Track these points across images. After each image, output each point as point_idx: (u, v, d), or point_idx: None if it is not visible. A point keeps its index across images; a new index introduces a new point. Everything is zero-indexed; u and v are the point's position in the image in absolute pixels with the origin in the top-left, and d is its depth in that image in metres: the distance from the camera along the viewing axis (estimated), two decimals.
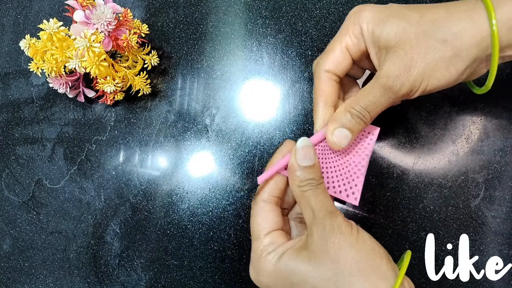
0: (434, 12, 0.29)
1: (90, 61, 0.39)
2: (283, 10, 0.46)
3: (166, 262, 0.44)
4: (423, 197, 0.40)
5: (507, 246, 0.38)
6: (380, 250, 0.29)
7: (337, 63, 0.32)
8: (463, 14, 0.29)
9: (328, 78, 0.33)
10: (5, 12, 0.53)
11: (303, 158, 0.30)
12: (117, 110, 0.47)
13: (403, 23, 0.29)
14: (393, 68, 0.29)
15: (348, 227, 0.29)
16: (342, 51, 0.32)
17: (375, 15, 0.30)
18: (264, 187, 0.33)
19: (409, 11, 0.30)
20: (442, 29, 0.29)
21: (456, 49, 0.29)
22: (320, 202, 0.30)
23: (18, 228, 0.49)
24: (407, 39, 0.29)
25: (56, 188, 0.48)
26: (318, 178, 0.30)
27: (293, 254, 0.29)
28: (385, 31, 0.30)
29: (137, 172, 0.46)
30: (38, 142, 0.49)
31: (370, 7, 0.31)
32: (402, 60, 0.29)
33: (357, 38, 0.32)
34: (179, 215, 0.44)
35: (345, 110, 0.31)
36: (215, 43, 0.46)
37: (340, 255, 0.28)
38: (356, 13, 0.32)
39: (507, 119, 0.40)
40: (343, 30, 0.32)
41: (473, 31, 0.28)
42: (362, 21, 0.31)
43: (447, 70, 0.29)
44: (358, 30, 0.31)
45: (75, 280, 0.46)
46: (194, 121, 0.45)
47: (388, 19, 0.30)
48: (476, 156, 0.40)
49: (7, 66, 0.52)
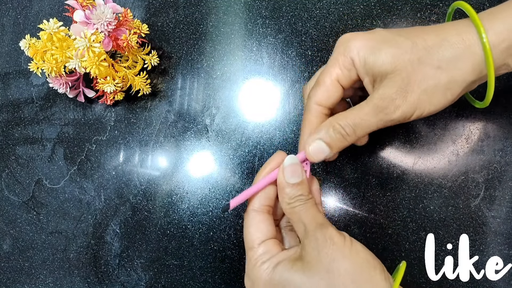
0: (425, 38, 0.29)
1: (90, 61, 0.39)
2: (283, 10, 0.46)
3: (166, 262, 0.44)
4: (423, 197, 0.40)
5: (507, 246, 0.38)
6: (374, 261, 0.29)
7: (327, 97, 0.32)
8: (455, 38, 0.29)
9: (318, 111, 0.32)
10: (5, 12, 0.53)
11: (291, 175, 0.31)
12: (117, 110, 0.47)
13: (397, 51, 0.29)
14: (389, 92, 0.29)
15: (341, 238, 0.29)
16: (333, 83, 0.32)
17: (365, 43, 0.30)
18: (254, 197, 0.33)
19: (400, 38, 0.29)
20: (436, 55, 0.28)
21: (451, 75, 0.29)
22: (310, 216, 0.30)
23: (18, 228, 0.49)
24: (403, 66, 0.29)
25: (56, 188, 0.48)
26: (306, 193, 0.31)
27: (288, 265, 0.29)
28: (379, 60, 0.29)
29: (137, 172, 0.46)
30: (38, 142, 0.49)
31: (358, 36, 0.31)
32: (399, 85, 0.29)
33: (347, 70, 0.31)
34: (179, 215, 0.44)
35: (330, 124, 0.31)
36: (215, 43, 0.46)
37: (334, 266, 0.28)
38: (344, 43, 0.31)
39: (507, 119, 0.40)
40: (332, 61, 0.32)
41: (466, 56, 0.28)
42: (352, 52, 0.30)
43: (443, 95, 0.29)
44: (349, 61, 0.31)
45: (75, 280, 0.46)
46: (194, 121, 0.45)
47: (380, 47, 0.29)
48: (476, 156, 0.40)
49: (7, 66, 0.52)
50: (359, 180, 0.41)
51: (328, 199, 0.42)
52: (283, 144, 0.43)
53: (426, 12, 0.42)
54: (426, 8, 0.42)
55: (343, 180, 0.41)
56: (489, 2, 0.41)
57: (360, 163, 0.41)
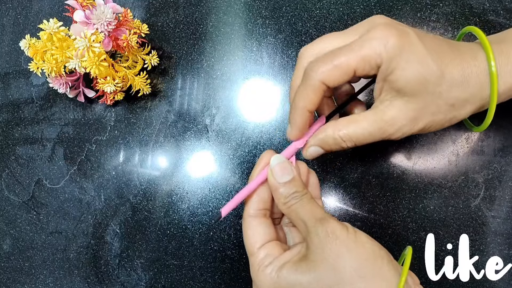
0: (451, 70, 0.29)
1: (90, 61, 0.39)
2: (283, 10, 0.46)
3: (166, 262, 0.44)
4: (423, 197, 0.40)
5: (507, 246, 0.38)
6: (381, 251, 0.28)
7: (337, 79, 0.29)
8: (474, 79, 0.29)
9: (320, 88, 0.29)
10: (5, 12, 0.53)
11: (281, 174, 0.30)
12: (117, 110, 0.47)
13: (424, 76, 0.28)
14: (400, 116, 0.29)
15: (343, 230, 0.28)
16: (349, 71, 0.29)
17: (400, 53, 0.28)
18: (248, 202, 0.32)
19: (431, 61, 0.28)
20: (454, 94, 0.29)
21: (458, 113, 0.30)
22: (308, 212, 0.29)
23: (18, 228, 0.49)
24: (423, 95, 0.29)
25: (56, 188, 0.48)
26: (301, 189, 0.30)
27: (293, 267, 0.29)
28: (406, 77, 0.28)
29: (137, 172, 0.46)
30: (38, 142, 0.49)
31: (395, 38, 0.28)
32: (411, 114, 0.29)
33: (370, 67, 0.29)
34: (179, 215, 0.44)
35: (332, 134, 0.31)
36: (215, 43, 0.46)
37: (339, 262, 0.27)
38: (379, 39, 0.28)
39: (507, 119, 0.40)
40: (359, 50, 0.28)
41: (477, 98, 0.30)
42: (385, 55, 0.28)
43: (442, 126, 0.31)
44: (377, 62, 0.28)
45: (75, 280, 0.46)
46: (194, 121, 0.45)
47: (412, 65, 0.28)
48: (476, 156, 0.40)
49: (7, 66, 0.52)
50: (359, 180, 0.41)
51: (328, 199, 0.42)
52: (283, 144, 0.43)
53: (426, 12, 0.42)
54: (426, 8, 0.42)
55: (343, 180, 0.41)
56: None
57: (360, 163, 0.41)
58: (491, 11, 0.41)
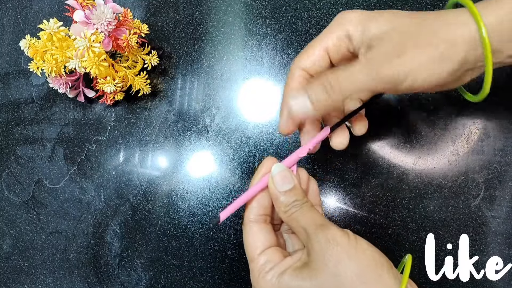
0: (424, 17, 0.29)
1: (90, 61, 0.39)
2: (283, 10, 0.46)
3: (166, 262, 0.44)
4: (423, 197, 0.40)
5: (507, 246, 0.38)
6: (381, 259, 0.28)
7: (313, 62, 0.31)
8: (453, 20, 0.28)
9: (301, 76, 0.31)
10: (5, 12, 0.53)
11: (282, 183, 0.30)
12: (117, 110, 0.47)
13: (396, 20, 0.28)
14: (384, 48, 0.28)
15: (344, 237, 0.28)
16: (321, 52, 0.31)
17: (364, 16, 0.30)
18: (249, 208, 0.32)
19: (400, 13, 0.29)
20: (435, 25, 0.28)
21: (447, 48, 0.28)
22: (309, 219, 0.29)
23: (18, 228, 0.49)
24: (401, 26, 0.28)
25: (56, 188, 0.48)
26: (301, 197, 0.30)
27: (294, 273, 0.29)
28: (377, 24, 0.29)
29: (137, 172, 0.46)
30: (38, 142, 0.49)
31: (357, 11, 0.30)
32: (395, 42, 0.28)
33: (339, 41, 0.30)
34: (179, 215, 0.44)
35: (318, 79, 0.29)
36: (215, 43, 0.46)
37: (340, 269, 0.27)
38: (341, 16, 0.30)
39: (507, 119, 0.40)
40: (325, 31, 0.31)
41: (464, 37, 0.28)
42: (349, 23, 0.30)
43: (438, 66, 0.28)
44: (344, 33, 0.30)
45: (75, 280, 0.46)
46: (194, 121, 0.45)
47: (380, 17, 0.29)
48: (476, 156, 0.40)
49: (7, 66, 0.52)
50: (359, 180, 0.41)
51: (328, 199, 0.42)
52: (283, 144, 0.43)
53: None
54: (426, 8, 0.42)
55: (343, 180, 0.41)
56: None
57: (360, 163, 0.41)
58: None
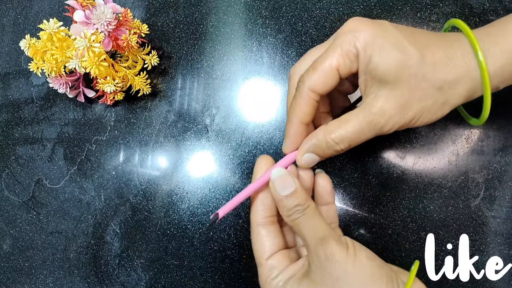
0: (433, 52, 0.29)
1: (90, 61, 0.39)
2: (283, 10, 0.46)
3: (166, 262, 0.44)
4: (423, 197, 0.40)
5: (507, 246, 0.38)
6: (380, 272, 0.28)
7: (324, 84, 0.30)
8: (460, 61, 0.28)
9: (310, 97, 0.30)
10: (5, 12, 0.53)
11: (282, 187, 0.30)
12: (117, 110, 0.47)
13: (404, 60, 0.28)
14: (388, 107, 0.28)
15: (343, 252, 0.28)
16: (332, 71, 0.29)
17: (374, 39, 0.28)
18: (255, 211, 0.32)
19: (409, 45, 0.28)
20: (440, 75, 0.28)
21: (448, 98, 0.29)
22: (310, 231, 0.29)
23: (18, 228, 0.49)
24: (406, 79, 0.28)
25: (56, 188, 0.48)
26: (303, 202, 0.30)
27: (296, 283, 0.29)
28: (384, 63, 0.28)
29: (137, 172, 0.46)
30: (38, 142, 0.49)
31: (367, 27, 0.29)
32: (398, 102, 0.28)
33: (350, 61, 0.29)
34: (179, 215, 0.44)
35: (324, 138, 0.30)
36: (215, 43, 0.46)
37: (338, 284, 0.27)
38: (352, 32, 0.29)
39: (507, 119, 0.40)
40: (336, 48, 0.29)
41: (466, 81, 0.29)
42: (359, 43, 0.28)
43: (435, 114, 0.30)
44: (354, 52, 0.29)
45: (75, 280, 0.46)
46: (194, 121, 0.45)
47: (388, 49, 0.28)
48: (476, 156, 0.40)
49: (7, 66, 0.52)
50: (359, 180, 0.41)
51: None
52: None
53: (426, 12, 0.42)
54: (426, 8, 0.42)
55: (343, 180, 0.41)
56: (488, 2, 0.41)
57: (360, 163, 0.41)
58: (491, 11, 0.41)
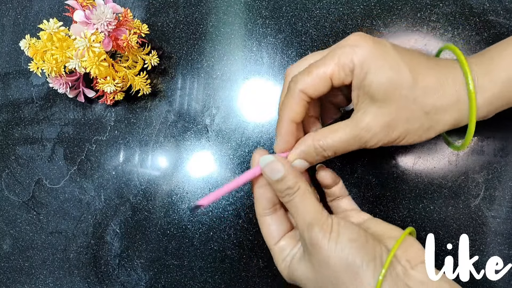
0: (425, 77, 0.30)
1: (90, 61, 0.39)
2: (283, 10, 0.46)
3: (166, 262, 0.44)
4: (423, 197, 0.40)
5: (507, 246, 0.38)
6: (360, 251, 0.29)
7: (315, 88, 0.31)
8: (451, 89, 0.30)
9: (301, 98, 0.32)
10: (5, 12, 0.53)
11: (271, 174, 0.32)
12: (117, 110, 0.47)
13: (397, 80, 0.29)
14: (374, 124, 0.30)
15: (325, 237, 0.29)
16: (325, 78, 0.31)
17: (372, 58, 0.29)
18: (256, 204, 0.34)
19: (404, 67, 0.29)
20: (430, 100, 0.29)
21: (434, 124, 0.30)
22: (300, 215, 0.31)
23: (18, 228, 0.49)
24: (396, 99, 0.29)
25: (56, 188, 0.48)
26: (293, 185, 0.31)
27: (297, 262, 0.32)
28: (378, 81, 0.29)
29: (137, 172, 0.46)
30: (38, 142, 0.49)
31: (367, 44, 0.30)
32: (385, 120, 0.30)
33: (345, 73, 0.30)
34: (179, 215, 0.44)
35: (312, 144, 0.32)
36: (215, 43, 0.46)
37: (322, 269, 0.29)
38: (352, 46, 0.30)
39: (507, 119, 0.39)
40: (332, 56, 0.31)
41: (454, 110, 0.30)
42: (357, 59, 0.30)
43: (419, 137, 0.31)
44: (350, 66, 0.30)
45: (75, 280, 0.46)
46: (194, 121, 0.45)
47: (384, 69, 0.29)
48: (476, 156, 0.40)
49: (7, 66, 0.52)
50: (359, 180, 0.41)
51: None
52: None
53: (426, 12, 0.42)
54: (426, 8, 0.42)
55: (343, 180, 0.41)
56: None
57: (360, 163, 0.41)
58: (491, 11, 0.41)
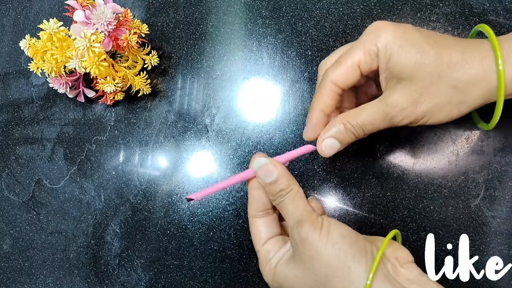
0: (450, 53, 0.30)
1: (90, 61, 0.39)
2: (283, 10, 0.46)
3: (166, 262, 0.44)
4: (423, 197, 0.40)
5: (507, 246, 0.38)
6: (352, 247, 0.29)
7: (345, 78, 0.32)
8: (477, 63, 0.29)
9: (332, 90, 0.33)
10: (5, 12, 0.53)
11: (264, 176, 0.32)
12: (117, 110, 0.47)
13: (421, 59, 0.30)
14: (401, 100, 0.31)
15: (316, 233, 0.30)
16: (354, 67, 0.32)
17: (395, 40, 0.30)
18: (249, 206, 0.35)
19: (427, 45, 0.30)
20: (456, 74, 0.30)
21: (463, 98, 0.30)
22: (289, 213, 0.32)
23: (18, 228, 0.49)
24: (421, 77, 0.30)
25: (56, 188, 0.48)
26: (285, 187, 0.32)
27: (284, 264, 0.32)
28: (402, 62, 0.30)
29: (137, 172, 0.46)
30: (38, 142, 0.49)
31: (389, 28, 0.31)
32: (411, 95, 0.30)
33: (371, 58, 0.32)
34: (179, 215, 0.44)
35: (340, 122, 0.33)
36: (215, 43, 0.46)
37: (314, 264, 0.29)
38: (376, 31, 0.31)
39: (507, 119, 0.39)
40: (358, 45, 0.32)
41: (482, 84, 0.30)
42: (381, 43, 0.31)
43: (450, 112, 0.31)
44: (375, 51, 0.31)
45: (75, 280, 0.46)
46: (194, 121, 0.45)
47: (407, 50, 0.30)
48: (476, 156, 0.40)
49: (7, 66, 0.52)
50: (359, 180, 0.41)
51: (328, 199, 0.42)
52: (283, 144, 0.43)
53: (426, 12, 0.42)
54: (426, 8, 0.42)
55: (343, 180, 0.41)
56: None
57: (360, 163, 0.41)
58: (491, 11, 0.41)
